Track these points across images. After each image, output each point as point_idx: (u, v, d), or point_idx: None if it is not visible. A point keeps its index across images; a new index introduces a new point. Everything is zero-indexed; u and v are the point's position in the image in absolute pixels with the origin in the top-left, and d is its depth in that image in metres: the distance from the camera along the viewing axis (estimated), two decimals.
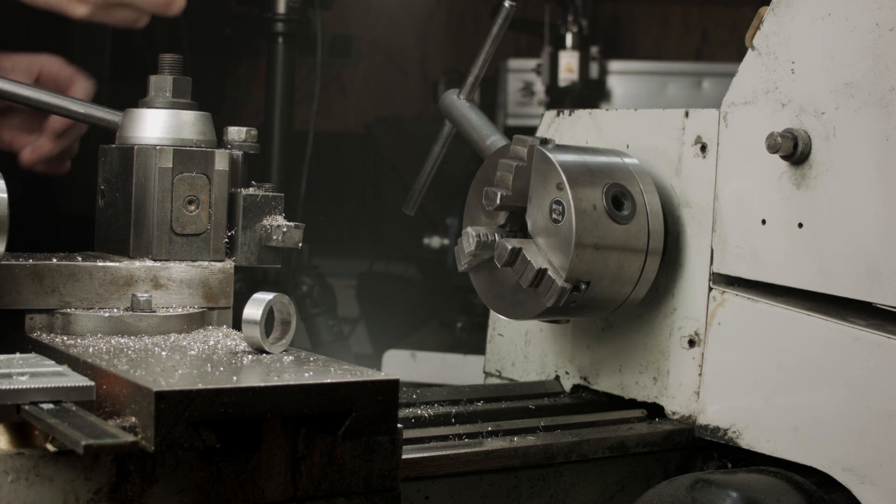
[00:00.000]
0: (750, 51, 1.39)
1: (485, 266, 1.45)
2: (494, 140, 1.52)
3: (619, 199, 1.40)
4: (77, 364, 1.04)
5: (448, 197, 4.01)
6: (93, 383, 0.96)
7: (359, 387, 0.99)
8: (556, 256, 1.37)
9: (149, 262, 1.24)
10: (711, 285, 1.43)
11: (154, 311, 1.20)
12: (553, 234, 1.37)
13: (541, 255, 1.37)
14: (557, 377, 1.62)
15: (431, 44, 5.09)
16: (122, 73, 2.19)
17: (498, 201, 1.41)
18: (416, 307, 4.15)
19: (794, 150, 1.32)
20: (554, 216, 1.37)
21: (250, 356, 1.08)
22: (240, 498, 1.02)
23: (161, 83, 1.31)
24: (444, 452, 1.29)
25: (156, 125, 1.28)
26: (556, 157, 1.39)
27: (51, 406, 0.93)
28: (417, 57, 5.07)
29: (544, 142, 1.41)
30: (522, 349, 1.67)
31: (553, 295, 1.35)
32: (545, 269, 1.35)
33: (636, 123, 1.52)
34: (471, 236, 1.42)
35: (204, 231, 1.28)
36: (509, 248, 1.37)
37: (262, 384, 0.95)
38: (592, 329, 1.57)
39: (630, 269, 1.41)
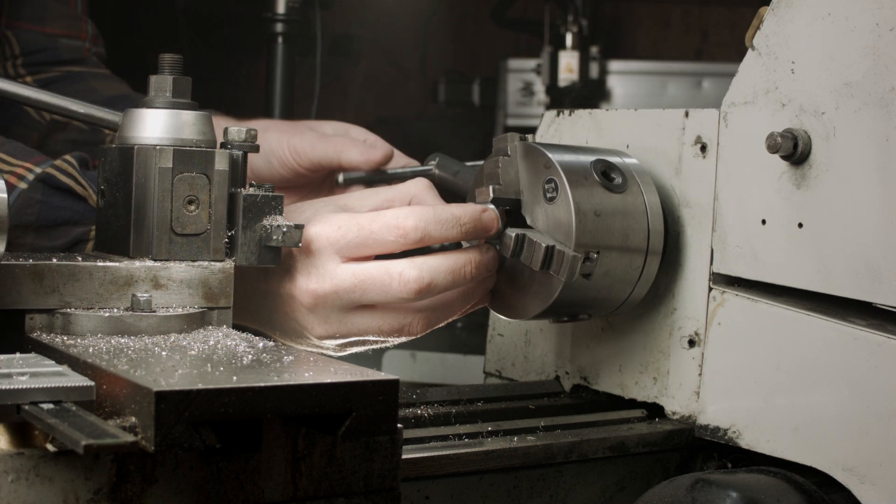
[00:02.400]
0: (750, 51, 1.39)
1: None
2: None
3: (608, 173, 1.42)
4: (77, 364, 1.04)
5: (448, 198, 4.01)
6: (93, 383, 0.96)
7: (359, 387, 0.98)
8: (559, 232, 1.37)
9: (149, 262, 1.24)
10: (711, 285, 1.43)
11: (154, 311, 1.20)
12: (552, 213, 1.38)
13: (545, 238, 1.37)
14: (557, 377, 1.62)
15: (431, 44, 5.08)
16: (122, 72, 2.20)
17: (491, 194, 1.41)
18: None
19: (794, 150, 1.32)
20: (549, 195, 1.38)
21: (250, 356, 1.08)
22: (240, 498, 1.02)
23: (161, 83, 1.31)
24: (444, 452, 1.29)
25: (156, 125, 1.28)
26: (539, 145, 1.41)
27: (51, 406, 0.93)
28: (417, 57, 5.07)
29: (523, 138, 1.44)
30: (522, 349, 1.68)
31: (566, 267, 1.33)
32: (553, 246, 1.35)
33: (636, 123, 1.52)
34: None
35: (204, 231, 1.28)
36: (513, 235, 1.37)
37: (262, 384, 0.95)
38: (592, 329, 1.57)
39: (634, 241, 1.41)
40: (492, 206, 1.40)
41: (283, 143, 1.76)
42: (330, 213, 1.38)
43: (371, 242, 1.35)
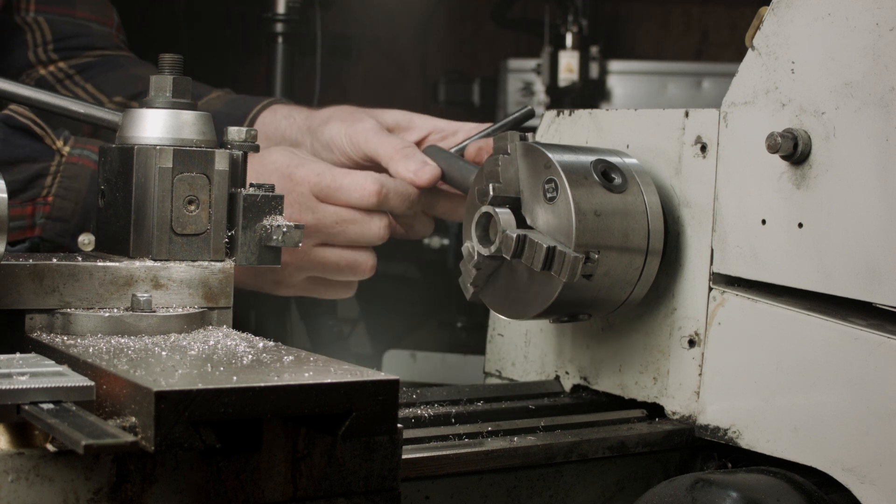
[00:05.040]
0: (750, 51, 1.39)
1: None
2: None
3: (608, 173, 1.42)
4: (77, 364, 1.04)
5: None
6: (93, 383, 0.96)
7: (359, 387, 0.99)
8: (560, 232, 1.37)
9: (149, 262, 1.24)
10: (711, 285, 1.43)
11: (154, 311, 1.20)
12: (552, 213, 1.38)
13: (546, 239, 1.37)
14: (557, 377, 1.62)
15: (431, 44, 5.08)
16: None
17: (491, 192, 1.41)
18: (416, 307, 4.14)
19: (794, 150, 1.32)
20: (549, 195, 1.38)
21: (250, 356, 1.08)
22: (240, 498, 1.02)
23: (161, 83, 1.31)
24: (444, 452, 1.29)
25: (156, 125, 1.28)
26: (539, 145, 1.41)
27: (51, 406, 0.93)
28: (417, 57, 5.07)
29: (523, 138, 1.44)
30: (522, 349, 1.67)
31: (567, 268, 1.34)
32: (554, 247, 1.35)
33: (636, 123, 1.52)
34: (473, 250, 1.43)
35: (204, 231, 1.28)
36: (514, 235, 1.37)
37: (262, 384, 0.95)
38: (592, 329, 1.57)
39: (634, 241, 1.41)
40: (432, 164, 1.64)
41: (342, 132, 1.84)
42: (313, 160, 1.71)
43: (339, 194, 1.67)
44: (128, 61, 2.16)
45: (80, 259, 1.23)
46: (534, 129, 1.66)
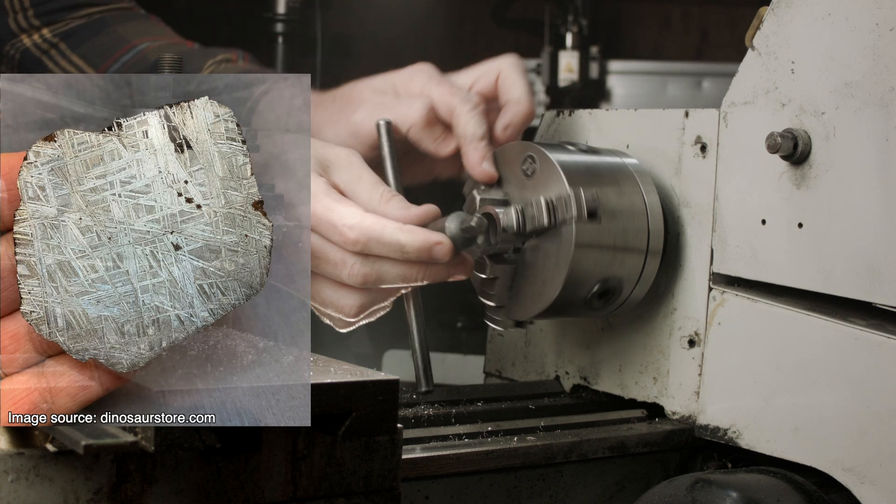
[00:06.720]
0: (750, 51, 1.39)
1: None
2: None
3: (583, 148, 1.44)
4: None
5: (448, 197, 4.02)
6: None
7: (359, 387, 0.99)
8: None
9: None
10: (711, 285, 1.43)
11: None
12: (538, 183, 1.37)
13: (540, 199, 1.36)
14: (557, 377, 1.62)
15: (431, 44, 5.09)
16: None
17: (477, 196, 1.41)
18: None
19: (794, 150, 1.32)
20: (529, 172, 1.38)
21: (250, 356, 1.08)
22: (240, 498, 1.02)
23: (161, 83, 1.30)
24: (444, 452, 1.29)
25: None
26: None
27: None
28: (417, 57, 5.08)
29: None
30: (522, 349, 1.67)
31: (572, 206, 1.31)
32: (551, 198, 1.33)
33: (636, 123, 1.52)
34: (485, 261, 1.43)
35: None
36: (514, 221, 1.36)
37: (262, 384, 0.95)
38: (592, 329, 1.57)
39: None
40: (447, 240, 1.34)
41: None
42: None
43: (318, 229, 1.36)
44: (114, 18, 1.97)
45: None
46: (534, 130, 1.66)
